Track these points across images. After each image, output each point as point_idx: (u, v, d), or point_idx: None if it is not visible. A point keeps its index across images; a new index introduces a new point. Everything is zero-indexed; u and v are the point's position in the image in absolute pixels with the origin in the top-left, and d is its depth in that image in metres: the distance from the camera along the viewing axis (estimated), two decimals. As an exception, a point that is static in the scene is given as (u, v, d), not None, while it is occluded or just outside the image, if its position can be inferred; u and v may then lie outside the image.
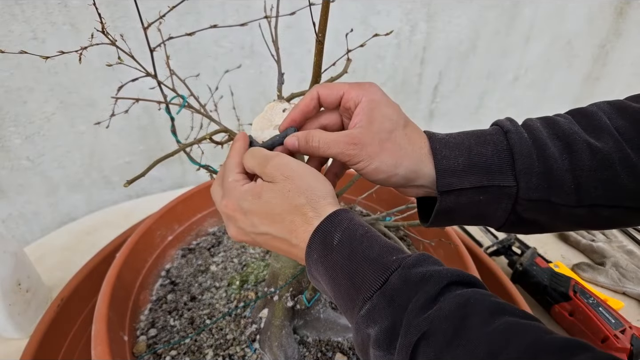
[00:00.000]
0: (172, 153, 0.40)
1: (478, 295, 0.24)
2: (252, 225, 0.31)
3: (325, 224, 0.29)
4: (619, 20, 1.37)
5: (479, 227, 0.88)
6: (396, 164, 0.31)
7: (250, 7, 0.89)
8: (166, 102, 0.42)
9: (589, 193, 0.29)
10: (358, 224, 0.29)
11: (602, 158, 0.29)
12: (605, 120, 0.30)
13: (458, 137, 0.32)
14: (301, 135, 0.33)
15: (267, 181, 0.31)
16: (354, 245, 0.28)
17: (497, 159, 0.30)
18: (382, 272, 0.26)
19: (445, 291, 0.24)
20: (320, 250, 0.28)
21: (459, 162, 0.30)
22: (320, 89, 0.34)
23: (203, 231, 0.73)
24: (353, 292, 0.26)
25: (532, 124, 0.32)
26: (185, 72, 0.90)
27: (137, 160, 1.00)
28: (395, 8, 1.05)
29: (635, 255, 0.77)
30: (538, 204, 0.30)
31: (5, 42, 0.73)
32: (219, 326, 0.53)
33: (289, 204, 0.30)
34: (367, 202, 0.78)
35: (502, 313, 0.22)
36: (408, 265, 0.26)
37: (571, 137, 0.30)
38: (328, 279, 0.28)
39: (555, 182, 0.29)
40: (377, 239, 0.28)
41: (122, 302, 0.53)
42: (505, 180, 0.30)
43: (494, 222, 0.33)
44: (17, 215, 0.93)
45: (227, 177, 0.33)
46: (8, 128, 0.82)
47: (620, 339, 0.56)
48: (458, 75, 1.28)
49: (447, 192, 0.31)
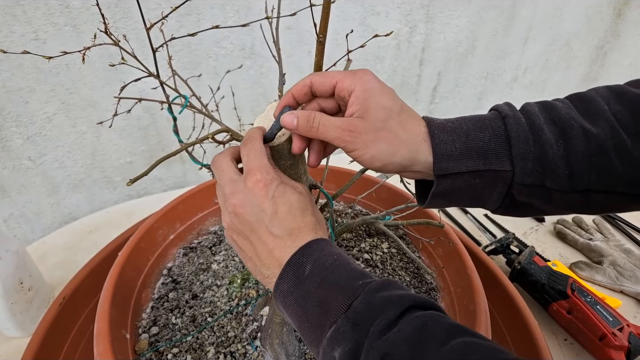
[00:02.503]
0: (174, 152, 0.40)
1: (436, 317, 0.25)
2: (272, 213, 0.32)
3: (297, 255, 0.30)
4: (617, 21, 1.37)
5: (477, 227, 0.89)
6: (392, 152, 0.31)
7: (251, 9, 0.89)
8: (168, 102, 0.42)
9: (582, 179, 0.30)
10: (328, 254, 0.30)
11: (596, 144, 0.29)
12: (603, 106, 0.30)
13: (456, 122, 0.32)
14: (301, 115, 0.33)
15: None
16: (324, 274, 0.29)
17: (494, 144, 0.31)
18: (348, 297, 0.27)
19: (405, 314, 0.25)
20: (293, 280, 0.30)
21: (456, 147, 0.31)
22: (313, 77, 0.34)
23: (204, 230, 0.73)
24: (322, 318, 0.27)
25: (530, 108, 0.32)
26: (186, 72, 0.91)
27: (138, 160, 1.01)
28: (395, 9, 1.06)
29: (632, 254, 0.77)
30: (533, 189, 0.31)
31: (6, 43, 0.74)
32: (220, 324, 0.53)
33: (307, 218, 0.32)
34: (366, 201, 0.79)
35: (459, 334, 0.23)
36: (372, 290, 0.27)
37: (567, 123, 0.30)
38: (297, 308, 0.29)
39: (550, 167, 0.30)
40: (346, 266, 0.29)
41: (124, 301, 0.53)
42: (501, 164, 0.30)
43: (489, 205, 0.33)
44: (19, 214, 0.93)
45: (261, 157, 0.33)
46: (10, 128, 0.82)
47: (618, 336, 0.57)
48: (457, 76, 1.29)
49: (443, 175, 0.31)
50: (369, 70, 0.33)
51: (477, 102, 1.39)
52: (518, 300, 0.59)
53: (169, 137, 1.00)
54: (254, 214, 0.32)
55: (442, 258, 0.64)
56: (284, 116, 0.34)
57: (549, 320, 0.66)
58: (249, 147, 0.34)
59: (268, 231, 0.32)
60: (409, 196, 0.69)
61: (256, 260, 0.33)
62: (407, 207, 0.60)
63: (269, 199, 0.32)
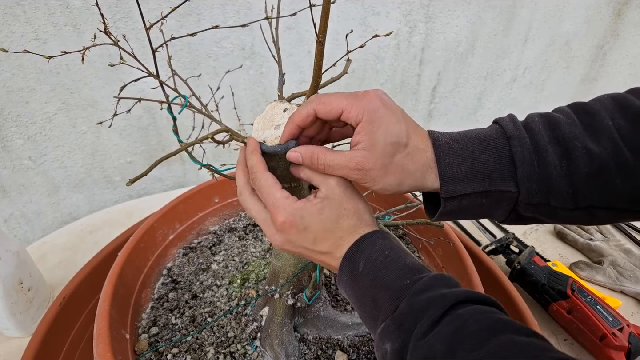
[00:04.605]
0: (174, 152, 0.40)
1: (478, 314, 0.26)
2: (312, 241, 0.34)
3: (352, 250, 0.33)
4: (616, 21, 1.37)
5: (477, 227, 0.89)
6: (400, 183, 0.33)
7: (251, 9, 0.89)
8: (168, 102, 0.42)
9: (585, 197, 0.30)
10: (379, 250, 0.32)
11: (599, 164, 0.29)
12: (607, 122, 0.30)
13: (461, 142, 0.33)
14: (305, 153, 0.34)
15: (323, 197, 0.34)
16: (375, 272, 0.31)
17: (499, 166, 0.31)
18: (395, 299, 0.29)
19: (449, 312, 0.26)
20: (348, 275, 0.33)
21: (462, 170, 0.32)
22: (317, 106, 0.33)
23: (204, 230, 0.73)
24: (375, 313, 0.30)
25: (535, 126, 0.32)
26: (186, 72, 0.91)
27: (138, 160, 1.01)
28: (395, 9, 1.06)
29: (632, 254, 0.77)
30: (538, 207, 0.32)
31: (7, 43, 0.74)
32: (220, 324, 0.53)
33: (342, 224, 0.34)
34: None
35: (500, 331, 0.24)
36: (417, 291, 0.28)
37: (571, 143, 0.30)
38: (356, 300, 0.33)
39: (554, 187, 0.30)
40: (397, 261, 0.31)
41: (123, 301, 0.53)
42: (506, 185, 0.31)
43: (496, 218, 0.35)
44: (19, 214, 0.94)
45: (272, 193, 0.34)
46: (10, 128, 0.82)
47: (618, 337, 0.57)
48: (456, 76, 1.29)
49: (450, 197, 0.32)
50: (376, 94, 0.33)
51: (477, 102, 1.39)
52: (518, 300, 0.59)
53: (169, 137, 1.00)
54: (297, 247, 0.35)
55: (442, 258, 0.64)
56: (289, 153, 0.35)
57: (549, 321, 0.66)
58: (258, 181, 0.35)
59: (317, 252, 0.34)
60: (408, 196, 0.70)
61: (322, 264, 0.37)
62: (406, 207, 0.60)
63: (302, 231, 0.34)
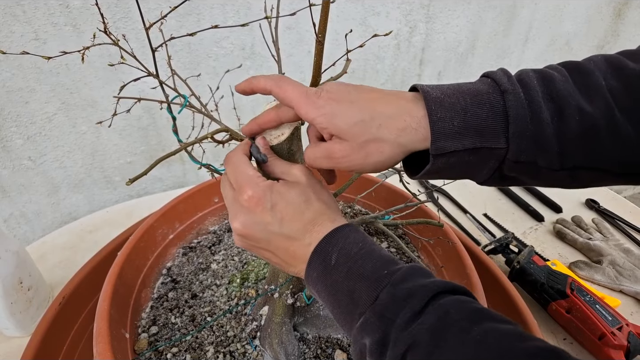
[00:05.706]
0: (173, 152, 0.40)
1: (460, 303, 0.26)
2: (279, 222, 0.32)
3: (322, 244, 0.31)
4: (617, 21, 1.37)
5: (477, 226, 0.89)
6: (389, 157, 0.32)
7: (251, 9, 0.89)
8: (168, 101, 0.42)
9: (572, 157, 0.30)
10: (352, 242, 0.31)
11: (590, 124, 0.29)
12: (601, 81, 0.30)
13: (453, 96, 0.31)
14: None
15: (291, 181, 0.34)
16: (350, 264, 0.30)
17: (491, 121, 0.30)
18: (374, 289, 0.28)
19: (430, 303, 0.26)
20: (320, 269, 0.31)
21: (454, 125, 0.30)
22: (279, 112, 0.35)
23: (204, 230, 0.73)
24: (352, 307, 0.29)
25: (529, 81, 0.30)
26: (186, 72, 0.91)
27: (138, 160, 1.01)
28: (395, 9, 1.06)
29: (632, 253, 0.77)
30: (524, 165, 0.31)
31: (6, 43, 0.74)
32: (219, 323, 0.54)
33: (312, 204, 0.33)
34: (366, 200, 0.79)
35: (483, 319, 0.24)
36: (396, 281, 0.28)
37: (564, 101, 0.29)
38: (328, 296, 0.31)
39: (543, 146, 0.30)
40: (371, 253, 0.30)
41: (123, 300, 0.53)
42: (497, 142, 0.30)
43: (477, 178, 0.33)
44: (19, 214, 0.94)
45: (245, 170, 0.33)
46: (10, 128, 0.82)
47: (617, 336, 0.57)
48: (457, 76, 1.29)
49: (440, 154, 0.31)
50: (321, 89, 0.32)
51: (476, 102, 1.40)
52: (517, 299, 0.59)
53: (169, 137, 1.00)
54: (261, 231, 0.33)
55: (442, 257, 0.64)
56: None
57: (548, 320, 0.66)
58: (232, 162, 0.35)
59: (283, 237, 0.32)
60: (408, 196, 0.70)
61: (282, 264, 0.34)
62: (406, 206, 0.60)
63: (269, 210, 0.32)
